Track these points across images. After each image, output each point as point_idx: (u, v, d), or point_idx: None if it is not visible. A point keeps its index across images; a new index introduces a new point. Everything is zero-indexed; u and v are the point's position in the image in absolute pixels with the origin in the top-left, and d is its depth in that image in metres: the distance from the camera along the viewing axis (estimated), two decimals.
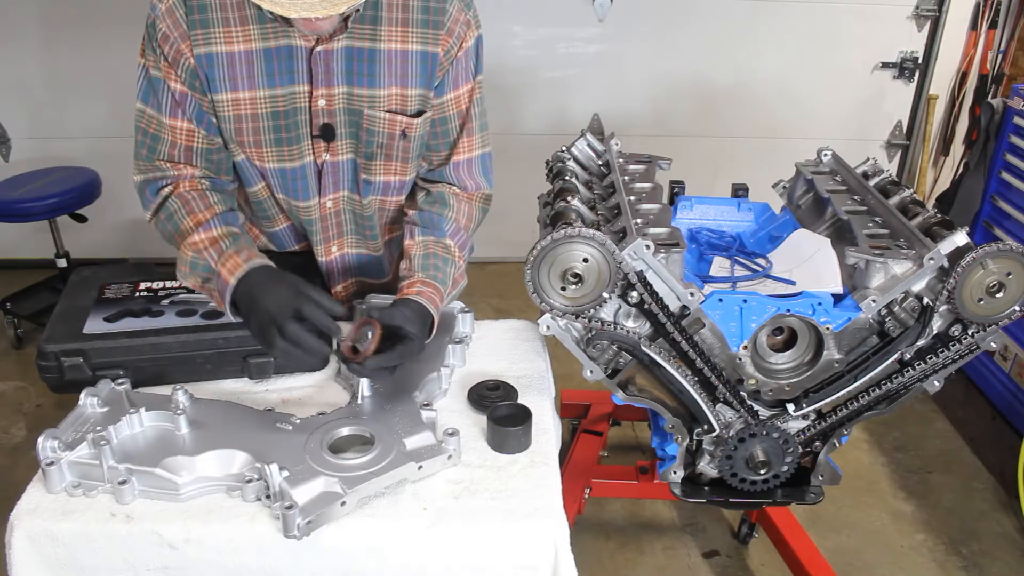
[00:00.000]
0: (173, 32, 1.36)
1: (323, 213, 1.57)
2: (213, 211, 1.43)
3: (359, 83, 1.44)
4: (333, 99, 1.44)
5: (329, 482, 1.17)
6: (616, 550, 2.40)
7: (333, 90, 1.44)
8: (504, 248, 3.78)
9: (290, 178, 1.51)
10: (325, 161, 1.51)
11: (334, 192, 1.55)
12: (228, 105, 1.42)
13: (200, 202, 1.44)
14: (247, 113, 1.43)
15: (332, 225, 1.60)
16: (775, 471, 1.57)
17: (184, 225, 1.42)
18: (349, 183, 1.55)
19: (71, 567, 1.17)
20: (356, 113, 1.47)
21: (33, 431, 2.83)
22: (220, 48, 1.37)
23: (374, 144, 1.50)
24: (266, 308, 1.26)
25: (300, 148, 1.48)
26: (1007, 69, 3.63)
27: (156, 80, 1.41)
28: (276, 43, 1.39)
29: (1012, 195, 2.79)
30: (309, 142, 1.48)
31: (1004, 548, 2.44)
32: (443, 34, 1.45)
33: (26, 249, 3.82)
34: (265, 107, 1.42)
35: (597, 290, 1.37)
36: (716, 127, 3.84)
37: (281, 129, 1.45)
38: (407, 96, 1.47)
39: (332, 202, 1.57)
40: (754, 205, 1.86)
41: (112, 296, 1.52)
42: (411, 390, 1.38)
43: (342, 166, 1.52)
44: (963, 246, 1.39)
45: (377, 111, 1.46)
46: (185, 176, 1.47)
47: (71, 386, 1.37)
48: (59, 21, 3.54)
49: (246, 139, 1.46)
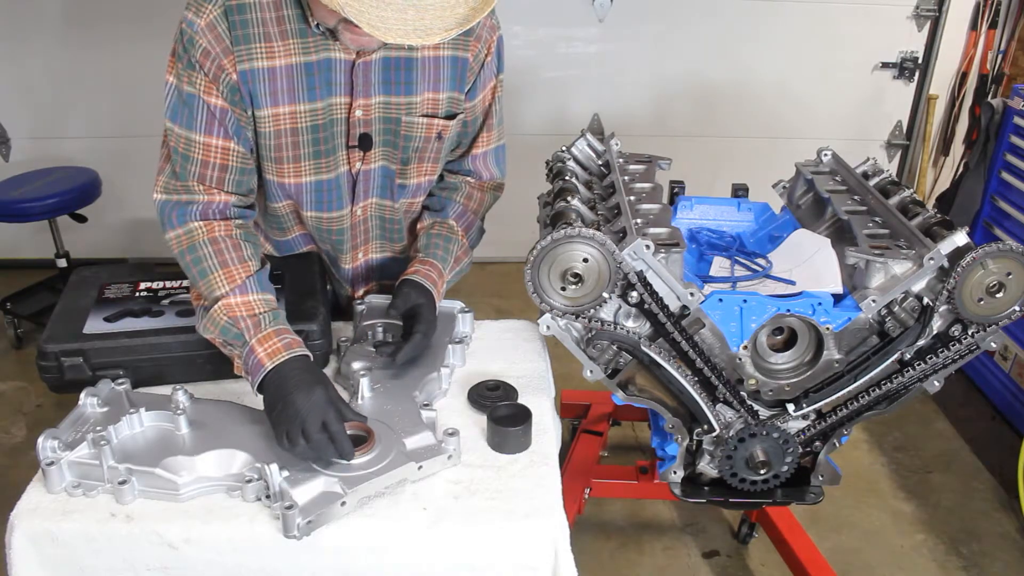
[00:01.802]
0: (215, 47, 1.33)
1: (353, 222, 1.58)
2: (248, 269, 1.37)
3: (396, 92, 1.45)
4: (370, 109, 1.45)
5: (329, 482, 1.17)
6: (616, 550, 2.40)
7: (371, 100, 1.44)
8: (504, 248, 3.77)
9: (325, 190, 1.51)
10: (359, 170, 1.51)
11: (364, 200, 1.56)
12: (269, 121, 1.40)
13: (234, 254, 1.37)
14: (287, 128, 1.41)
15: (360, 232, 1.62)
16: (775, 471, 1.57)
17: (214, 278, 1.35)
18: (379, 189, 1.56)
19: (71, 567, 1.18)
20: (392, 121, 1.48)
21: (33, 431, 2.83)
22: (262, 63, 1.36)
23: (411, 149, 1.51)
24: (297, 408, 1.22)
25: (336, 159, 1.48)
26: (1007, 69, 3.63)
27: (191, 97, 1.36)
28: (317, 57, 1.38)
29: (1012, 195, 2.80)
30: (344, 152, 1.48)
31: (1004, 548, 2.43)
32: (472, 40, 1.47)
33: (26, 249, 3.83)
34: (305, 121, 1.41)
35: (597, 290, 1.37)
36: (716, 127, 3.84)
37: (320, 142, 1.45)
38: (439, 100, 1.49)
39: (362, 210, 1.58)
40: (754, 205, 1.86)
41: (112, 296, 1.52)
42: (411, 390, 1.38)
43: (374, 174, 1.53)
44: (963, 246, 1.39)
45: (414, 117, 1.48)
46: (215, 207, 1.41)
47: (71, 386, 1.37)
48: (59, 21, 3.54)
49: (285, 154, 1.44)
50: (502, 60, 1.59)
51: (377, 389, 1.37)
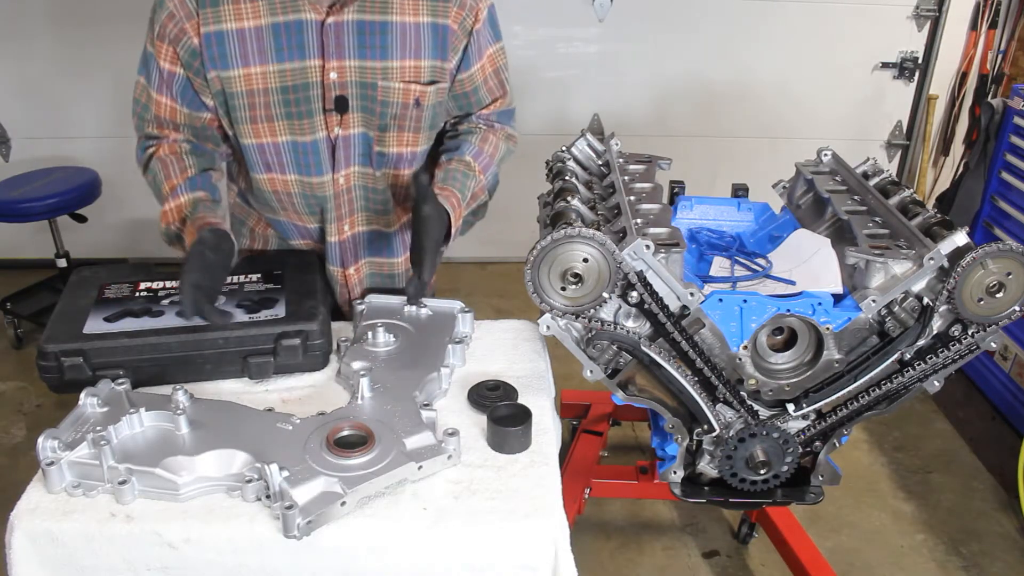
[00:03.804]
0: (179, 11, 1.41)
1: (336, 190, 1.60)
2: (185, 175, 1.50)
3: (371, 56, 1.48)
4: (345, 72, 1.48)
5: (329, 482, 1.17)
6: (616, 550, 2.40)
7: (345, 63, 1.47)
8: (504, 248, 3.78)
9: (302, 152, 1.54)
10: (338, 136, 1.53)
11: (346, 167, 1.58)
12: (240, 80, 1.46)
13: (176, 166, 1.51)
14: (259, 88, 1.46)
15: (344, 203, 1.63)
16: (775, 471, 1.57)
17: (163, 190, 1.50)
18: (361, 157, 1.58)
19: (71, 567, 1.17)
20: (369, 86, 1.50)
21: (33, 431, 2.83)
22: (231, 25, 1.42)
23: (388, 116, 1.54)
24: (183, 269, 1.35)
25: (312, 122, 1.51)
26: (1007, 69, 3.63)
27: (151, 56, 1.48)
28: (285, 17, 1.42)
29: (1012, 195, 2.80)
30: (322, 116, 1.51)
31: (1004, 548, 2.44)
32: (452, 6, 1.49)
33: (26, 249, 3.83)
34: (275, 81, 1.46)
35: (597, 290, 1.37)
36: (716, 127, 3.85)
37: (291, 103, 1.48)
38: (420, 68, 1.52)
39: (344, 178, 1.59)
40: (754, 205, 1.86)
41: (112, 296, 1.52)
42: (411, 390, 1.38)
43: (354, 140, 1.55)
44: (963, 246, 1.39)
45: (391, 82, 1.50)
46: (169, 139, 1.55)
47: (71, 386, 1.37)
48: (59, 21, 3.54)
49: (259, 113, 1.49)
50: (497, 28, 1.62)
51: (377, 389, 1.37)
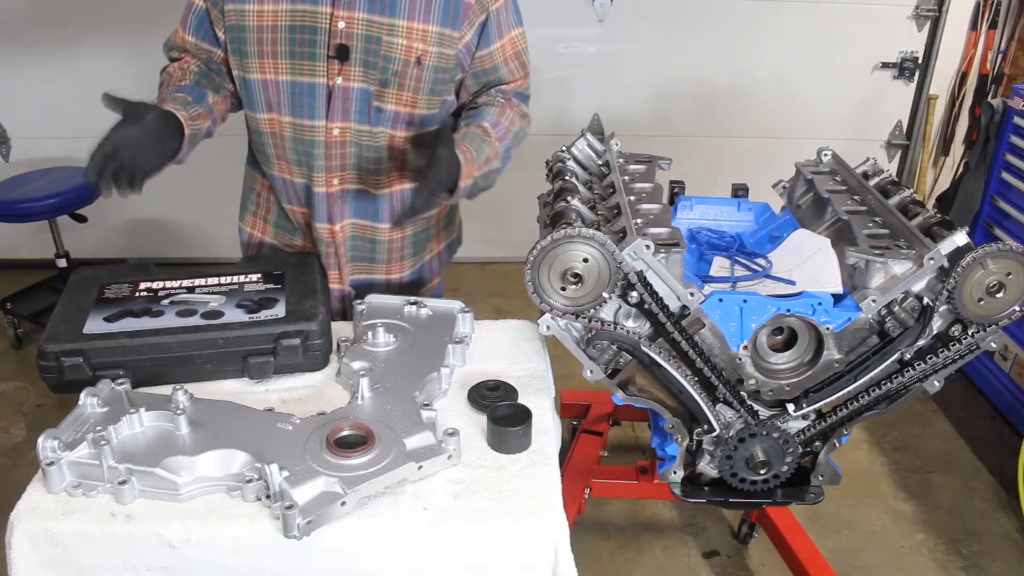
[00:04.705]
0: None
1: (329, 139, 1.62)
2: (178, 84, 1.61)
3: (380, 11, 1.53)
4: (353, 23, 1.53)
5: (329, 482, 1.17)
6: (616, 550, 2.40)
7: (354, 14, 1.53)
8: (504, 248, 3.78)
9: (298, 93, 1.58)
10: (337, 85, 1.57)
11: (343, 120, 1.60)
12: (253, 15, 1.54)
13: (175, 78, 1.63)
14: (268, 24, 1.54)
15: (336, 155, 1.64)
16: (775, 471, 1.57)
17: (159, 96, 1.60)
18: (358, 114, 1.60)
19: (71, 567, 1.17)
20: (374, 40, 1.54)
21: (33, 431, 2.83)
22: None
23: (389, 71, 1.57)
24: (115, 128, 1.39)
25: (314, 66, 1.56)
26: (1007, 69, 3.63)
27: None
28: None
29: (1012, 195, 2.80)
30: (324, 63, 1.56)
31: (1004, 548, 2.44)
32: None
33: (26, 249, 3.83)
34: (284, 20, 1.53)
35: (597, 290, 1.37)
36: (716, 127, 3.84)
37: (296, 43, 1.55)
38: (428, 31, 1.56)
39: (339, 131, 1.61)
40: (754, 205, 1.86)
41: (112, 296, 1.52)
42: (411, 390, 1.38)
43: (353, 94, 1.58)
44: (963, 246, 1.39)
45: (396, 38, 1.55)
46: (182, 60, 1.67)
47: (71, 386, 1.37)
48: (59, 21, 3.54)
49: (265, 48, 1.56)
50: (519, 14, 1.68)
51: (377, 389, 1.37)
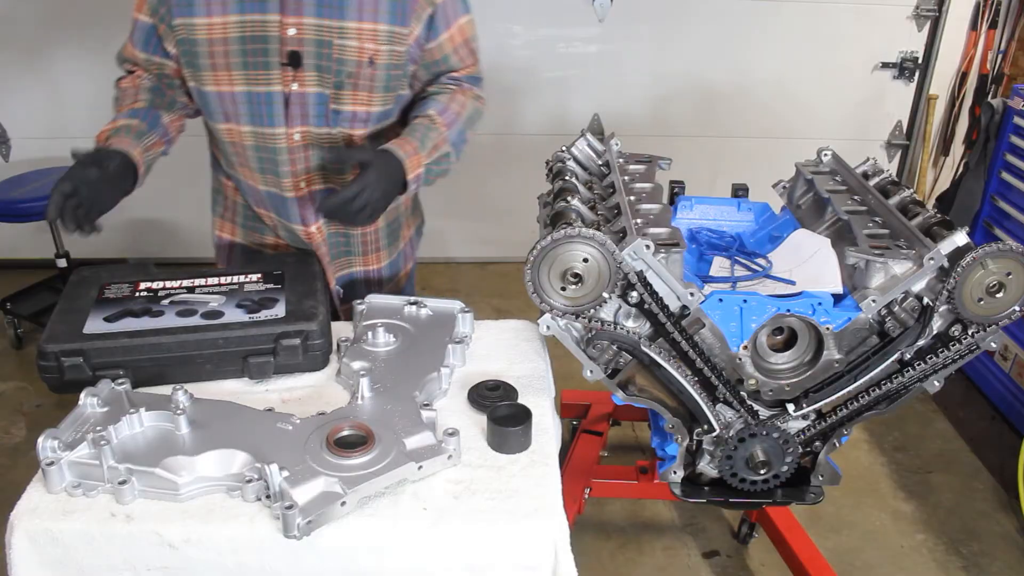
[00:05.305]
0: None
1: (291, 145, 1.63)
2: (132, 106, 1.63)
3: (329, 14, 1.54)
4: (303, 28, 1.54)
5: (329, 482, 1.17)
6: (616, 550, 2.40)
7: (303, 20, 1.53)
8: (504, 248, 3.79)
9: (256, 102, 1.59)
10: (293, 91, 1.58)
11: (302, 125, 1.62)
12: (203, 28, 1.54)
13: (130, 96, 1.65)
14: (218, 37, 1.54)
15: (300, 159, 1.66)
16: (775, 471, 1.57)
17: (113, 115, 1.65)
18: (317, 118, 1.62)
19: (71, 567, 1.17)
20: (325, 44, 1.55)
21: (33, 431, 2.83)
22: None
23: (343, 73, 1.58)
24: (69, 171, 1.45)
25: (268, 75, 1.57)
26: (1007, 69, 3.63)
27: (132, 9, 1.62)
28: None
29: (1012, 195, 2.80)
30: (278, 71, 1.56)
31: (1004, 548, 2.44)
32: None
33: (26, 249, 3.83)
34: (235, 31, 1.54)
35: (597, 290, 1.37)
36: (716, 127, 3.84)
37: (249, 53, 1.55)
38: (377, 31, 1.57)
39: (300, 135, 1.63)
40: (754, 205, 1.86)
41: (112, 296, 1.52)
42: (411, 390, 1.38)
43: (310, 98, 1.60)
44: (963, 246, 1.39)
45: (347, 40, 1.56)
46: (135, 73, 1.68)
47: (71, 386, 1.37)
48: (59, 21, 3.54)
49: (218, 61, 1.56)
50: (465, 2, 1.69)
51: (377, 389, 1.37)
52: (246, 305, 1.49)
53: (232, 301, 1.50)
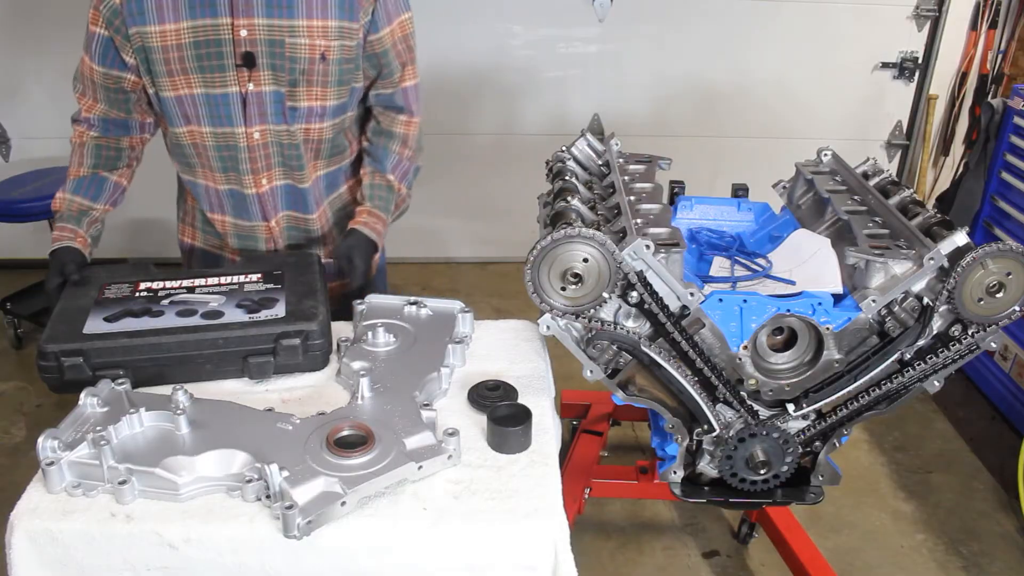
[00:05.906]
0: None
1: (251, 143, 1.68)
2: (78, 173, 1.73)
3: (279, 15, 1.58)
4: (254, 29, 1.58)
5: (329, 482, 1.17)
6: (616, 550, 2.40)
7: (254, 20, 1.57)
8: (504, 248, 3.79)
9: (214, 104, 1.64)
10: (249, 91, 1.63)
11: (260, 124, 1.67)
12: (157, 36, 1.58)
13: (76, 158, 1.75)
14: (172, 43, 1.58)
15: (260, 157, 1.70)
16: (775, 471, 1.57)
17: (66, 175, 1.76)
18: (275, 115, 1.67)
19: (71, 567, 1.17)
20: (277, 43, 1.60)
21: (33, 431, 2.83)
22: None
23: (297, 71, 1.63)
24: None
25: (224, 76, 1.61)
26: (1007, 69, 3.63)
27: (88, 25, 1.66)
28: None
29: (1012, 195, 2.80)
30: (233, 72, 1.61)
31: (1004, 548, 2.43)
32: None
33: (26, 249, 3.82)
34: (188, 37, 1.57)
35: (597, 290, 1.37)
36: (716, 127, 3.84)
37: (203, 57, 1.59)
38: (327, 27, 1.61)
39: (259, 134, 1.68)
40: (754, 205, 1.86)
41: (112, 296, 1.52)
42: (411, 390, 1.38)
43: (266, 97, 1.64)
44: (963, 246, 1.39)
45: (298, 38, 1.60)
46: (85, 118, 1.77)
47: (71, 386, 1.37)
48: (59, 21, 3.54)
49: (174, 67, 1.60)
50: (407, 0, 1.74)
51: (377, 389, 1.37)
52: (246, 305, 1.49)
53: (232, 301, 1.50)
